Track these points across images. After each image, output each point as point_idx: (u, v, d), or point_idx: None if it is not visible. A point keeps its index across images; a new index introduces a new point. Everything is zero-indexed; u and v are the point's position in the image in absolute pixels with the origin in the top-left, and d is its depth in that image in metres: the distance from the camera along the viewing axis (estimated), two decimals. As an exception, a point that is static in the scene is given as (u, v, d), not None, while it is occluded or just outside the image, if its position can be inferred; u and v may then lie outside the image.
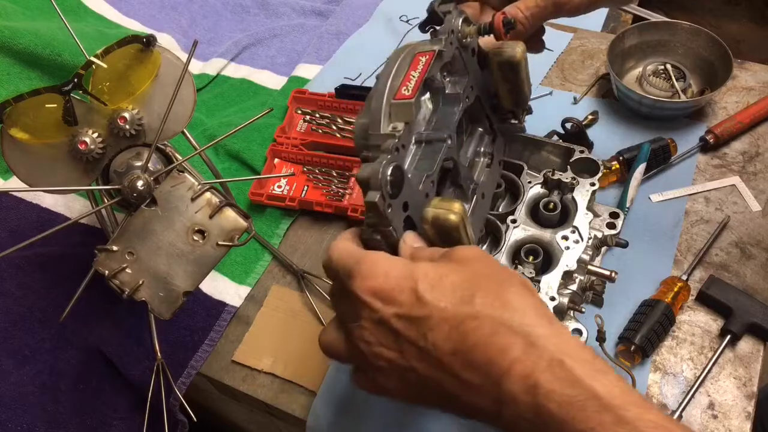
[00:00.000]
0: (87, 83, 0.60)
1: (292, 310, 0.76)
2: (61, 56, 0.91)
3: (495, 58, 0.59)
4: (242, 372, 0.73)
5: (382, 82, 0.49)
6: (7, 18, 0.95)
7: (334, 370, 0.71)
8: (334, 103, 0.93)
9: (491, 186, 0.65)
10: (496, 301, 0.39)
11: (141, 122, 0.62)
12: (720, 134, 0.85)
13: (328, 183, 0.86)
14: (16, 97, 0.58)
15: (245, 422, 0.90)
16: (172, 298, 0.59)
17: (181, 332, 0.74)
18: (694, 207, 0.81)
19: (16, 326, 0.75)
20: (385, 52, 1.04)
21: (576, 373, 0.36)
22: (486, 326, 0.38)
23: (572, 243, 0.61)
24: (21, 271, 0.78)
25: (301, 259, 0.81)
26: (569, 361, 0.36)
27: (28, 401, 0.71)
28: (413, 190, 0.48)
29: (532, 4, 0.58)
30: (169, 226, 0.59)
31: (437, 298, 0.39)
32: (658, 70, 0.91)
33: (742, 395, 0.66)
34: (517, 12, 0.58)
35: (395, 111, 0.49)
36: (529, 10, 0.58)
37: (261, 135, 0.92)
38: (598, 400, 0.35)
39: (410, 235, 0.47)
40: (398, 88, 0.49)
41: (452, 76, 0.58)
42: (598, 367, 0.37)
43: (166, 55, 0.63)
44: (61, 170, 0.62)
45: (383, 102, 0.48)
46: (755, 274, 0.74)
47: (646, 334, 0.67)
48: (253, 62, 1.07)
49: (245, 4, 1.17)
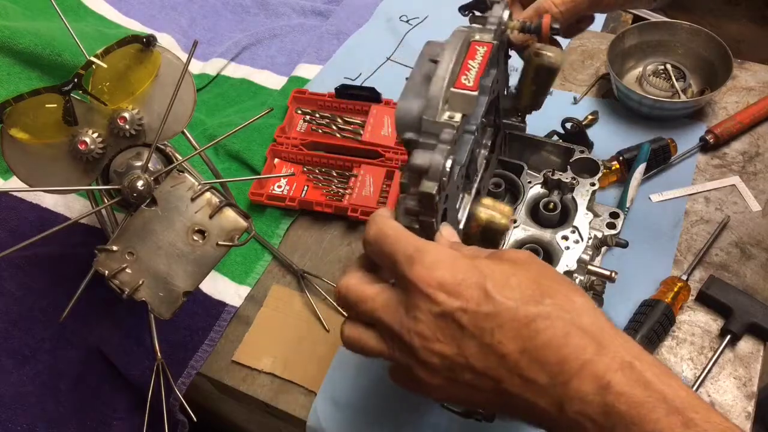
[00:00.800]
0: (87, 83, 0.60)
1: (292, 310, 0.76)
2: (61, 56, 0.91)
3: (535, 60, 0.57)
4: (242, 372, 0.73)
5: (443, 67, 0.47)
6: (7, 18, 0.95)
7: (334, 370, 0.71)
8: (334, 103, 0.93)
9: (488, 181, 0.65)
10: (567, 303, 0.39)
11: (141, 122, 0.62)
12: (720, 134, 0.85)
13: (328, 183, 0.86)
14: (16, 97, 0.58)
15: (245, 422, 0.90)
16: (172, 298, 0.59)
17: (181, 332, 0.74)
18: (694, 207, 0.81)
19: (16, 326, 0.75)
20: (385, 52, 1.04)
21: (646, 376, 0.37)
22: (558, 326, 0.38)
23: (572, 243, 0.61)
24: (21, 271, 0.78)
25: (301, 259, 0.81)
26: (638, 364, 0.37)
27: (28, 401, 0.71)
28: (451, 182, 0.48)
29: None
30: (169, 226, 0.59)
31: (506, 296, 0.39)
32: (658, 70, 0.91)
33: (742, 395, 0.66)
34: (551, 6, 0.57)
35: (455, 100, 0.47)
36: (564, 5, 0.57)
37: (261, 135, 0.92)
38: (666, 403, 0.36)
39: (448, 228, 0.47)
40: (458, 76, 0.47)
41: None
42: (664, 370, 0.38)
43: (166, 55, 0.63)
44: (61, 170, 0.62)
45: (443, 88, 0.46)
46: (755, 274, 0.74)
47: (646, 334, 0.67)
48: (253, 62, 1.07)
49: (245, 4, 1.17)
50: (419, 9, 1.10)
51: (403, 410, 0.68)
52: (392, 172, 0.84)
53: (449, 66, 0.47)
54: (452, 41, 0.50)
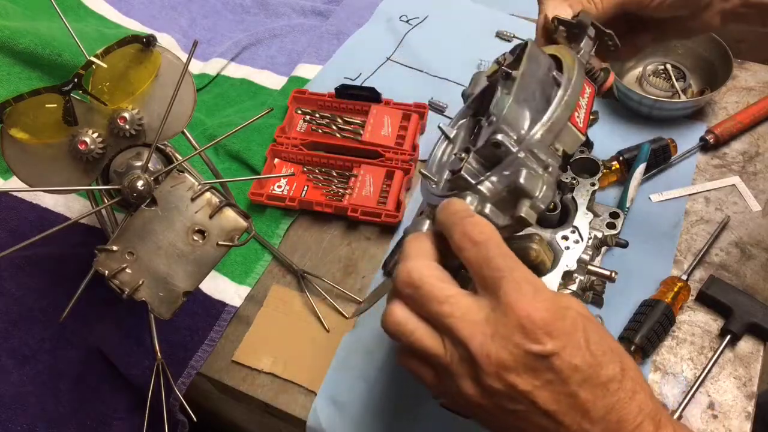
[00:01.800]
0: (87, 83, 0.60)
1: (292, 310, 0.76)
2: (61, 56, 0.91)
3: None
4: (242, 372, 0.73)
5: (568, 95, 0.46)
6: (8, 18, 0.95)
7: (334, 370, 0.71)
8: (334, 103, 0.93)
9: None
10: (629, 371, 0.40)
11: (141, 122, 0.62)
12: (720, 134, 0.85)
13: (328, 183, 0.86)
14: (16, 97, 0.58)
15: (245, 422, 0.90)
16: (172, 298, 0.59)
17: (181, 332, 0.74)
18: (694, 207, 0.81)
19: (16, 326, 0.75)
20: (385, 52, 1.04)
21: None
22: (628, 387, 0.39)
23: (572, 243, 0.61)
24: (21, 271, 0.78)
25: (301, 259, 0.81)
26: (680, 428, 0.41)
27: (28, 401, 0.71)
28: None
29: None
30: (169, 226, 0.59)
31: (594, 350, 0.39)
32: (658, 70, 0.92)
33: (742, 395, 0.66)
34: (591, 6, 0.56)
35: (566, 135, 0.46)
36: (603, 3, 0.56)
37: (261, 135, 0.92)
38: None
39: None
40: (572, 111, 0.46)
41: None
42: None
43: (166, 55, 0.63)
44: (61, 170, 0.62)
45: (565, 117, 0.45)
46: (755, 274, 0.74)
47: (646, 334, 0.67)
48: (253, 62, 1.07)
49: (245, 4, 1.17)
50: (419, 9, 1.10)
51: (402, 410, 0.68)
52: (392, 172, 0.84)
53: (571, 95, 0.45)
54: (577, 69, 0.48)
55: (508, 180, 0.44)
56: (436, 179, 0.53)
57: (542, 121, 0.46)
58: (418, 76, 1.00)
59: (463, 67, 1.00)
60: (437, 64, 1.01)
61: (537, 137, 0.45)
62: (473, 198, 0.45)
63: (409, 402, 0.68)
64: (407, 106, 0.92)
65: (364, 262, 0.80)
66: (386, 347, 0.72)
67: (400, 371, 0.70)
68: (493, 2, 1.10)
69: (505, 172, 0.45)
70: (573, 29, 0.55)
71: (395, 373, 0.71)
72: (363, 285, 0.78)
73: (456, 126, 0.59)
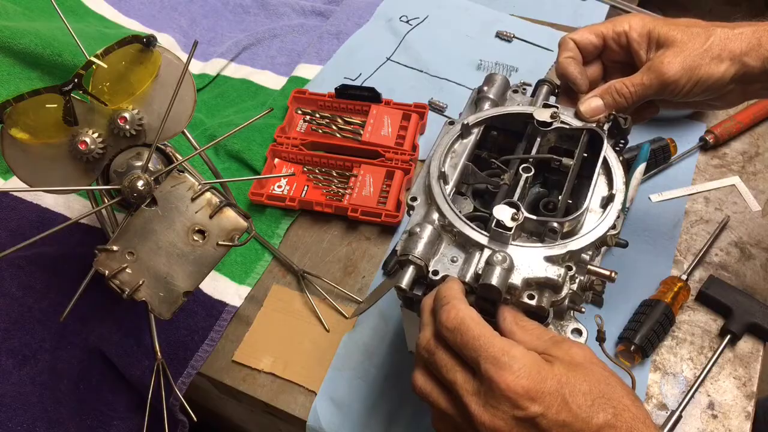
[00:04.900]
0: (87, 83, 0.60)
1: (292, 310, 0.76)
2: (61, 56, 0.91)
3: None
4: (242, 372, 0.73)
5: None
6: (8, 18, 0.95)
7: (334, 370, 0.71)
8: (334, 103, 0.93)
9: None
10: (625, 412, 0.42)
11: (141, 122, 0.62)
12: (720, 134, 0.85)
13: (328, 183, 0.86)
14: (16, 97, 0.58)
15: (245, 422, 0.90)
16: (172, 298, 0.59)
17: (181, 332, 0.74)
18: (693, 207, 0.81)
19: (16, 326, 0.75)
20: (386, 52, 1.04)
21: None
22: (623, 429, 0.42)
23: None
24: (21, 271, 0.78)
25: (301, 259, 0.81)
26: None
27: (28, 401, 0.71)
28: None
29: (638, 81, 0.59)
30: (169, 226, 0.59)
31: (579, 404, 0.42)
32: (658, 70, 0.91)
33: (742, 395, 0.66)
34: (622, 87, 0.59)
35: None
36: (634, 86, 0.59)
37: (261, 135, 0.92)
38: None
39: (457, 282, 0.50)
40: None
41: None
42: None
43: (166, 55, 0.64)
44: (61, 170, 0.62)
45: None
46: (755, 274, 0.74)
47: (646, 334, 0.67)
48: (253, 62, 1.07)
49: (245, 4, 1.17)
50: (419, 9, 1.10)
51: (402, 410, 0.68)
52: (392, 172, 0.84)
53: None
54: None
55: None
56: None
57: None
58: (418, 76, 1.00)
59: (463, 67, 1.00)
60: (437, 64, 1.01)
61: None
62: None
63: (408, 402, 0.68)
64: (407, 106, 0.92)
65: (364, 262, 0.80)
66: (386, 347, 0.72)
67: (400, 371, 0.71)
68: (493, 2, 1.10)
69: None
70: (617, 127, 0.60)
71: (395, 373, 0.71)
72: (363, 285, 0.78)
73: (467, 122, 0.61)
